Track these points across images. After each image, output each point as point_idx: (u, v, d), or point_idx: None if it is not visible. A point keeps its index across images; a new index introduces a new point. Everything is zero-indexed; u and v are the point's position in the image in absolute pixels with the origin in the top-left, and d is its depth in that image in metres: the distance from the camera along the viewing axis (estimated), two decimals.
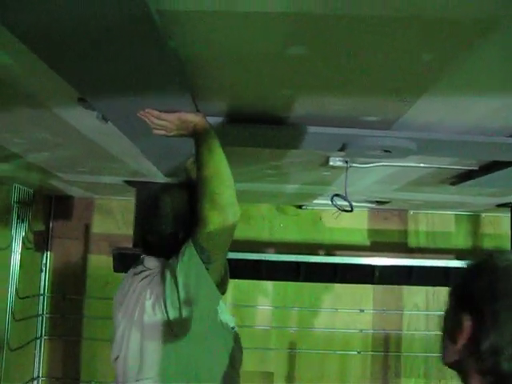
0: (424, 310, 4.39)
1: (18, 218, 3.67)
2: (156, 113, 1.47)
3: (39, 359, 4.22)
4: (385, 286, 4.08)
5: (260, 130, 1.66)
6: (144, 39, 1.01)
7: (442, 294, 4.30)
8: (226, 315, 1.61)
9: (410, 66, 1.17)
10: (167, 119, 1.49)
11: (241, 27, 0.99)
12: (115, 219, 4.34)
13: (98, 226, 4.35)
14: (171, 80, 1.27)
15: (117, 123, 1.63)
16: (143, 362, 1.51)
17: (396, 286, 4.23)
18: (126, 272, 3.09)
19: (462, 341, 0.95)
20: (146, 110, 1.46)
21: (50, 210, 4.33)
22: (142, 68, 1.19)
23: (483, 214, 4.44)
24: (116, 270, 3.09)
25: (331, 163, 2.18)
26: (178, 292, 1.45)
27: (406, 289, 4.36)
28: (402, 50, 1.10)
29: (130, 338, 1.55)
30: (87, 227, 4.33)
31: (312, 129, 1.64)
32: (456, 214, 4.47)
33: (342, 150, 1.78)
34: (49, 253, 4.29)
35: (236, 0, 0.89)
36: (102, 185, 3.46)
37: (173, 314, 1.46)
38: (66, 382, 4.27)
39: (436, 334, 4.33)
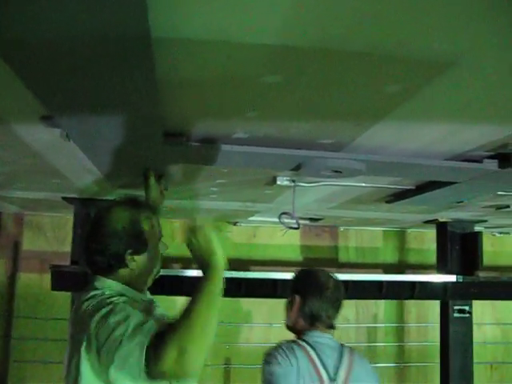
0: (354, 322, 4.56)
1: None
2: (192, 226, 1.57)
3: None
4: None
5: (218, 149, 1.71)
6: (133, 63, 1.04)
7: (371, 307, 4.50)
8: None
9: (373, 96, 1.27)
10: (196, 236, 1.58)
11: (228, 56, 1.05)
12: (46, 236, 4.21)
13: (29, 243, 4.20)
14: (143, 102, 1.30)
15: (79, 142, 1.63)
16: None
17: None
18: (64, 290, 3.07)
19: (295, 309, 2.12)
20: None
21: None
22: (120, 90, 1.21)
23: (409, 230, 4.69)
24: (54, 288, 3.00)
25: (279, 182, 2.24)
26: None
27: None
28: (368, 82, 1.20)
29: (71, 362, 1.52)
30: (16, 244, 4.17)
31: (268, 150, 1.71)
32: (384, 230, 4.70)
33: (295, 169, 1.86)
34: None
35: (232, 32, 0.95)
36: (36, 201, 3.36)
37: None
38: None
39: (366, 346, 4.51)
